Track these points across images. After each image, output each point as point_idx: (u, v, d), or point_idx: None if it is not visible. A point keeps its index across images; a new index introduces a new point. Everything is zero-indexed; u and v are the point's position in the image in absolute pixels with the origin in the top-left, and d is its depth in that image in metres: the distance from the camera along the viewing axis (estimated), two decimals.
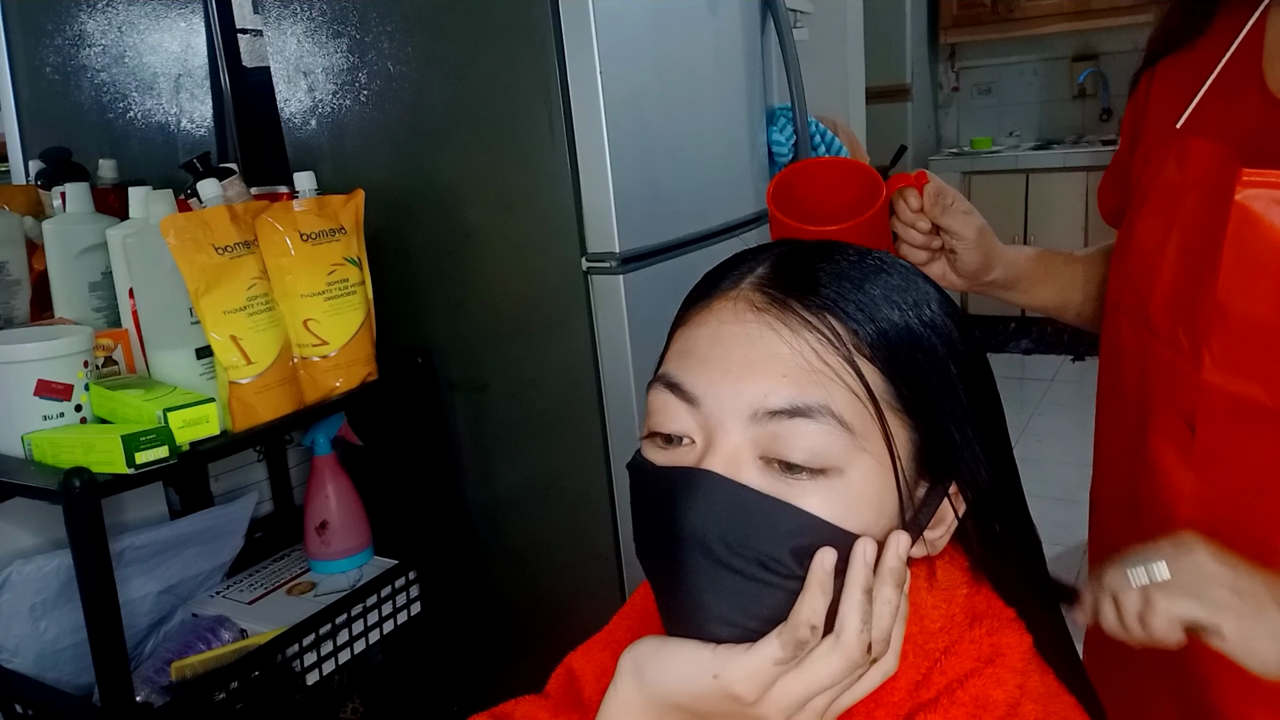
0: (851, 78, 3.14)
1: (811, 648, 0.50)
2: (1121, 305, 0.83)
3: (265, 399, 1.21)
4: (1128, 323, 0.82)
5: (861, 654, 0.50)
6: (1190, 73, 0.80)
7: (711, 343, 0.54)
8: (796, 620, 0.49)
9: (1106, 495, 0.90)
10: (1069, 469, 3.29)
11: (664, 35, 1.45)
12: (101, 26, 1.63)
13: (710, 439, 0.52)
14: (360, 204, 1.35)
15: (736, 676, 0.50)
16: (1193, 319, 0.73)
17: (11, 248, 1.28)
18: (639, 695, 0.52)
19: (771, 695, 0.50)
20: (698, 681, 0.51)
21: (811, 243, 0.59)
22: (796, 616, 0.49)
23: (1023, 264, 0.93)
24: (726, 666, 0.50)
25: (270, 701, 1.25)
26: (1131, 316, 0.81)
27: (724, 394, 0.52)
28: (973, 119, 5.13)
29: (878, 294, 0.54)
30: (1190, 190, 0.74)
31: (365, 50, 1.46)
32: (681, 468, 0.53)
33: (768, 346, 0.52)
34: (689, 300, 0.59)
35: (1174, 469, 0.76)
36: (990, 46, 4.90)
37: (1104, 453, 0.90)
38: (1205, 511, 0.75)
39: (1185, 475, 0.75)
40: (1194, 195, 0.74)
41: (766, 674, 0.50)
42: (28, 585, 1.17)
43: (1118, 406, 0.85)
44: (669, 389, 0.54)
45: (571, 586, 1.52)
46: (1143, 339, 0.79)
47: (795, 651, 0.49)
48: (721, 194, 1.62)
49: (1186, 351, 0.74)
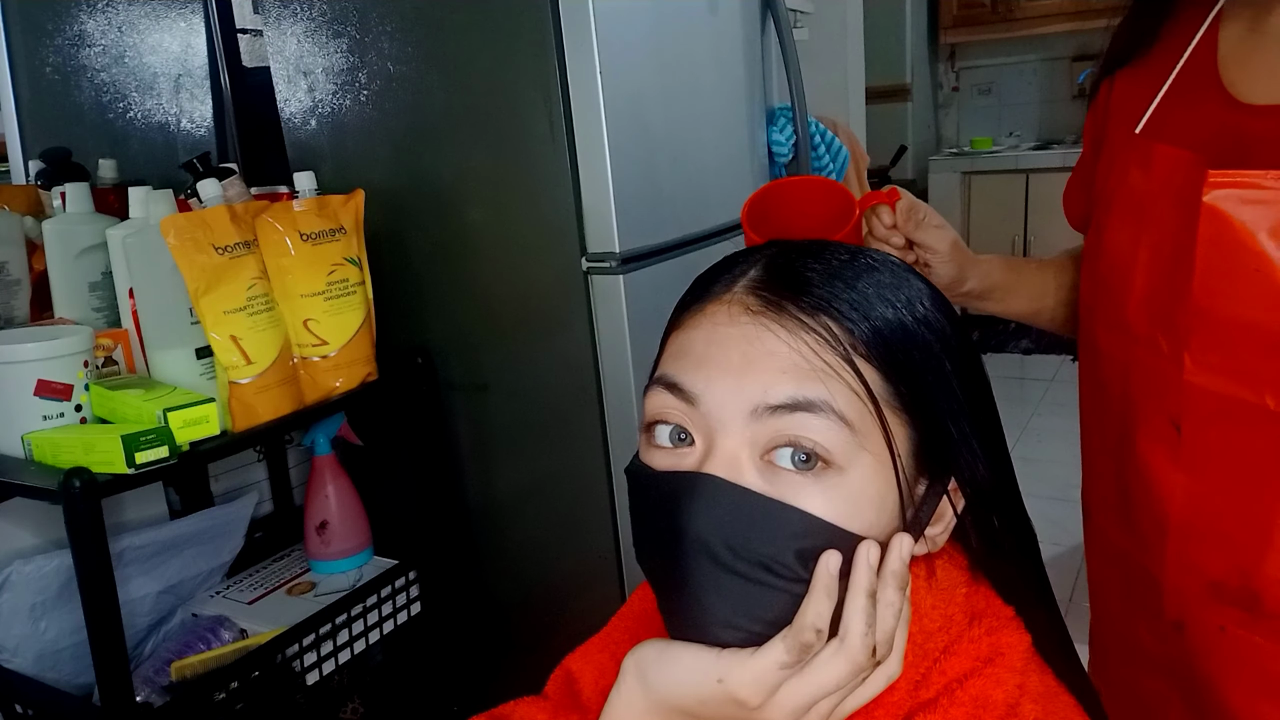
0: (851, 78, 3.14)
1: (816, 651, 0.50)
2: (1096, 311, 0.84)
3: (265, 399, 1.22)
4: (1104, 328, 0.83)
5: (866, 657, 0.50)
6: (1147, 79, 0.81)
7: (708, 344, 0.54)
8: (801, 624, 0.49)
9: (1097, 498, 0.90)
10: (1068, 469, 3.29)
11: (664, 35, 1.45)
12: (101, 26, 1.63)
13: (710, 439, 0.52)
14: (360, 204, 1.35)
15: (741, 681, 0.49)
16: (1172, 322, 0.74)
17: (11, 248, 1.28)
18: (642, 698, 0.52)
19: (776, 700, 0.50)
20: (702, 686, 0.50)
21: (802, 243, 0.59)
22: (801, 620, 0.49)
23: (996, 273, 0.94)
24: (731, 671, 0.50)
25: (270, 701, 1.25)
26: (1107, 322, 0.83)
27: (723, 391, 0.52)
28: (973, 119, 5.13)
29: (871, 292, 0.54)
30: (1158, 196, 0.75)
31: (365, 50, 1.46)
32: (682, 472, 0.52)
33: (766, 345, 0.52)
34: (682, 304, 0.59)
35: (1164, 470, 0.77)
36: (990, 46, 4.90)
37: (1091, 457, 0.91)
38: (1197, 511, 0.75)
39: (1175, 476, 0.76)
40: (1162, 201, 0.75)
41: (771, 678, 0.49)
42: (28, 585, 1.17)
43: (1101, 411, 0.86)
44: (667, 389, 0.54)
45: (571, 586, 1.52)
46: (1122, 344, 0.80)
47: (800, 655, 0.49)
48: (721, 194, 1.62)
49: (1167, 355, 0.74)
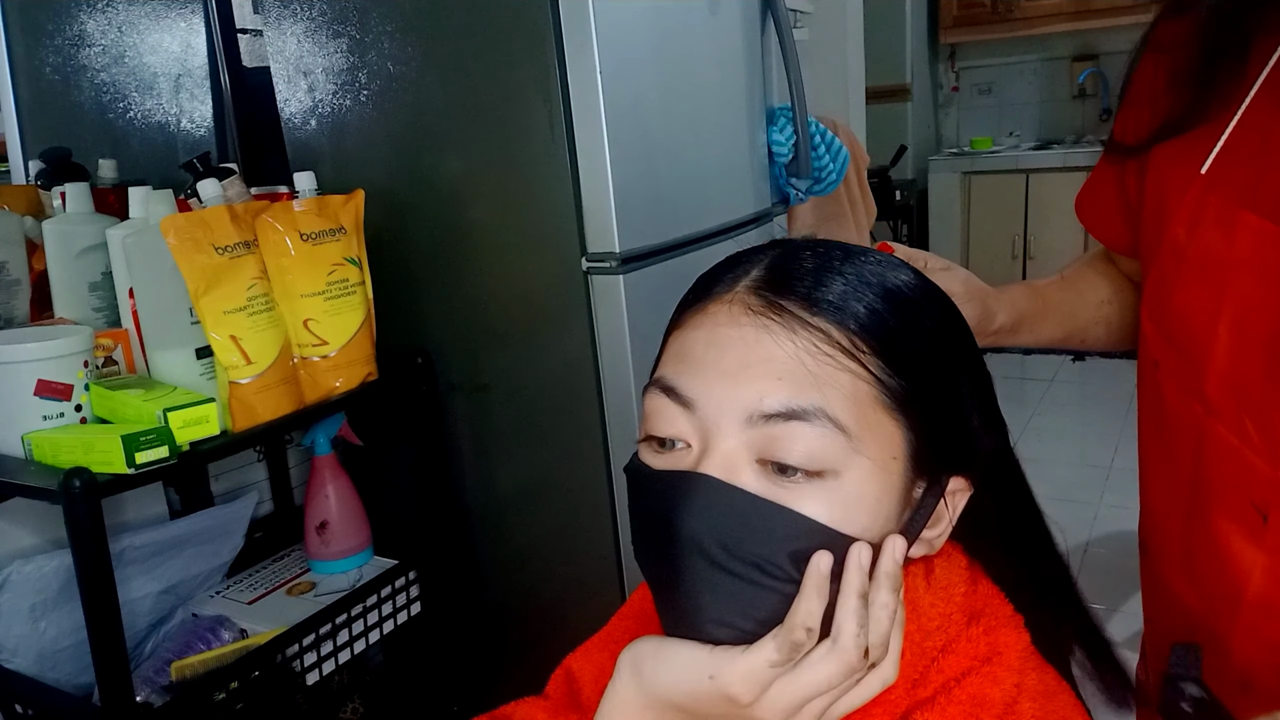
0: (851, 78, 3.14)
1: (807, 651, 0.50)
2: (1164, 368, 0.78)
3: (265, 399, 1.22)
4: (1174, 388, 0.78)
5: (858, 658, 0.50)
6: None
7: (706, 346, 0.54)
8: (792, 623, 0.49)
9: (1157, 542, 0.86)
10: (1069, 469, 3.29)
11: (664, 35, 1.45)
12: (101, 26, 1.63)
13: (706, 442, 0.52)
14: (360, 204, 1.35)
15: (732, 678, 0.50)
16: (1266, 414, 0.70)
17: (11, 248, 1.28)
18: (637, 694, 0.53)
19: (768, 697, 0.50)
20: (695, 682, 0.51)
21: (804, 243, 0.59)
22: (792, 619, 0.50)
23: (1021, 301, 0.88)
24: (723, 668, 0.50)
25: (270, 701, 1.25)
26: (1180, 385, 0.77)
27: (719, 397, 0.52)
28: (973, 119, 5.13)
29: (871, 291, 0.54)
30: (1242, 268, 0.70)
31: (365, 50, 1.46)
32: (679, 471, 0.53)
33: (764, 350, 0.52)
34: (683, 303, 0.59)
35: (1241, 549, 0.73)
36: (990, 46, 4.90)
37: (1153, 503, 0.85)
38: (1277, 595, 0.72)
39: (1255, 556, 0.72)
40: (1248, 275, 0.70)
41: (762, 675, 0.50)
42: (28, 585, 1.17)
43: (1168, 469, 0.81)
44: (664, 393, 0.54)
45: (571, 587, 1.52)
46: (1196, 414, 0.75)
47: (791, 654, 0.49)
48: (721, 194, 1.62)
49: (1258, 445, 0.70)
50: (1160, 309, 0.79)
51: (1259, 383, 0.70)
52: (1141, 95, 0.81)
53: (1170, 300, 0.77)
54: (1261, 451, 0.70)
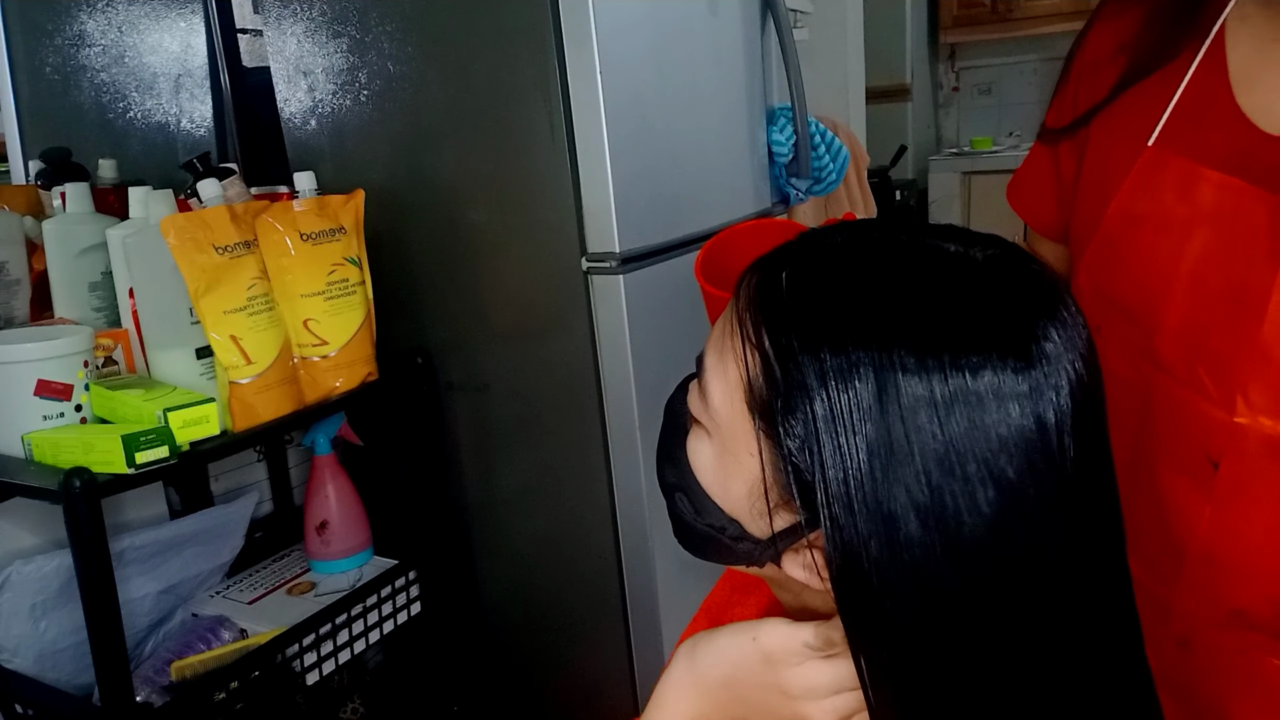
0: (851, 78, 3.14)
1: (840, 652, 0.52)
2: (1106, 332, 0.80)
3: (265, 399, 1.22)
4: (1119, 351, 0.80)
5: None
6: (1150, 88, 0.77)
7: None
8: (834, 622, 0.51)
9: None
10: None
11: (664, 35, 1.45)
12: (101, 26, 1.63)
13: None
14: (360, 204, 1.35)
15: (773, 639, 0.53)
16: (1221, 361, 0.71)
17: (11, 248, 1.28)
18: (687, 674, 0.57)
19: (802, 670, 0.53)
20: (739, 647, 0.55)
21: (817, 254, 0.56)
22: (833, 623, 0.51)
23: None
24: (763, 629, 0.54)
25: (270, 701, 1.25)
26: (1126, 346, 0.79)
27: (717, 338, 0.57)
28: (973, 119, 5.13)
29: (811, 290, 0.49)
30: (1202, 223, 0.72)
31: (365, 50, 1.46)
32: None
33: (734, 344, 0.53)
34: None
35: (1188, 501, 0.75)
36: (990, 46, 4.90)
37: None
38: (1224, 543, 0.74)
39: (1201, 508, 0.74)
40: (1207, 229, 0.72)
41: (799, 648, 0.53)
42: (28, 585, 1.17)
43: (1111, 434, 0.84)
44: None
45: (571, 587, 1.51)
46: (1143, 372, 0.77)
47: (825, 647, 0.52)
48: (721, 194, 1.62)
49: (1213, 393, 0.72)
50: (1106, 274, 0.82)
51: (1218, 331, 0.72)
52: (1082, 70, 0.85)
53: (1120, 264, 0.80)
54: (1216, 400, 0.72)
